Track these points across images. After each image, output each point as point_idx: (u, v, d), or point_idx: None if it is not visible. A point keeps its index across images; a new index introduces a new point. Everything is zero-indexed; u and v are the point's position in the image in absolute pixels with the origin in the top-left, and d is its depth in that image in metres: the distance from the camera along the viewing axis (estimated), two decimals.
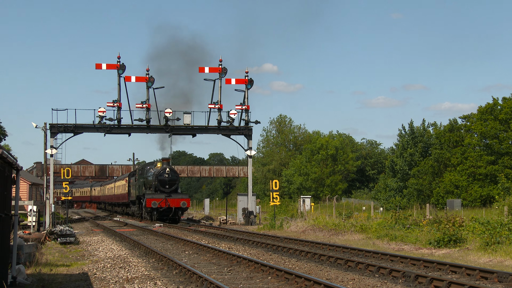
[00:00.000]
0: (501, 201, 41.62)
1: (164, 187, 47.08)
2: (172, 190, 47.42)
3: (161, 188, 47.06)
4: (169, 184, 47.29)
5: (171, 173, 47.82)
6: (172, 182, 47.52)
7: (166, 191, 47.06)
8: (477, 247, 22.45)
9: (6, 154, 12.79)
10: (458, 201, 54.66)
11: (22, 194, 50.61)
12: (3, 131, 63.70)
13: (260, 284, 15.25)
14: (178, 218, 48.01)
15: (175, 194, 47.61)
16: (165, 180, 47.20)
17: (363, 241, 27.54)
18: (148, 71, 42.34)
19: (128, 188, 58.98)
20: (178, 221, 47.90)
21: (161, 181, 47.09)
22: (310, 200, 60.02)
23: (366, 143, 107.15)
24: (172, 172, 47.98)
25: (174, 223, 46.71)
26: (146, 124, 42.65)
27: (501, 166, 58.10)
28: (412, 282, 15.17)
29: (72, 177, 65.60)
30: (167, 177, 47.33)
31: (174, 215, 47.23)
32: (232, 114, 43.76)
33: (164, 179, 47.20)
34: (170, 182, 47.37)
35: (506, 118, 59.75)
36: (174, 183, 47.68)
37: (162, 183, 47.11)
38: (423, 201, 62.71)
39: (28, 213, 33.54)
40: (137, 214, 54.37)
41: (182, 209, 47.87)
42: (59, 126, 41.57)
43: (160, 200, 46.37)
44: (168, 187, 47.15)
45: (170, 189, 47.31)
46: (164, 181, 47.19)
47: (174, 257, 20.81)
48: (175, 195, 47.41)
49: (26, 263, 18.51)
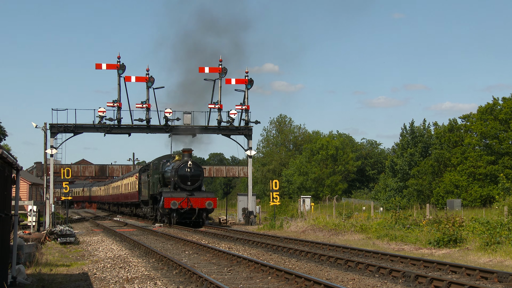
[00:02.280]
0: (501, 201, 41.63)
1: (186, 184, 40.48)
2: (195, 187, 40.74)
3: (181, 185, 40.45)
4: (192, 180, 40.62)
5: (194, 167, 40.99)
6: (195, 178, 40.77)
7: (188, 188, 40.51)
8: (477, 247, 22.45)
9: (6, 154, 12.79)
10: (458, 201, 54.67)
11: (22, 194, 50.61)
12: (3, 131, 63.72)
13: (260, 284, 15.25)
14: (202, 221, 41.10)
15: (199, 192, 40.89)
16: (186, 175, 40.63)
17: (363, 241, 27.53)
18: (148, 71, 42.37)
19: (138, 186, 51.77)
20: (202, 224, 40.94)
21: (181, 177, 40.54)
22: (310, 200, 60.02)
23: (366, 143, 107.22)
24: (195, 166, 41.12)
25: (197, 226, 40.08)
26: (146, 124, 42.66)
27: (501, 166, 58.10)
28: (412, 282, 15.17)
29: (72, 177, 65.23)
30: (189, 172, 40.66)
31: (197, 218, 40.35)
32: (232, 114, 43.77)
33: (186, 174, 40.63)
34: (192, 178, 40.69)
35: (506, 118, 59.75)
36: (197, 179, 40.84)
37: (183, 179, 40.56)
38: (423, 201, 62.71)
39: (28, 213, 33.55)
40: (150, 216, 47.31)
41: (207, 211, 40.99)
42: (59, 126, 41.58)
43: (181, 200, 39.58)
44: (190, 184, 40.51)
45: (192, 186, 40.65)
46: (185, 177, 40.61)
47: (174, 257, 20.81)
48: (199, 194, 40.69)
49: (26, 263, 18.51)
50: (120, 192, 64.61)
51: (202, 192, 41.10)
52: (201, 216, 40.59)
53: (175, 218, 40.12)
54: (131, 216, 59.10)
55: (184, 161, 41.03)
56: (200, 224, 40.80)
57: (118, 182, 65.87)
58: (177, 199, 39.59)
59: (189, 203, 39.80)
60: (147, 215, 48.77)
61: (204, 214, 40.83)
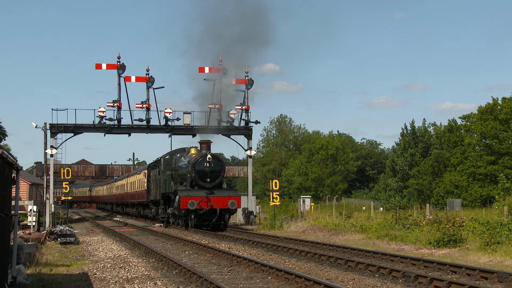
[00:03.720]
0: (501, 201, 41.64)
1: (204, 181, 35.71)
2: (215, 184, 35.96)
3: (200, 182, 35.68)
4: (212, 176, 35.86)
5: (214, 161, 36.10)
6: (215, 174, 36.02)
7: (207, 186, 35.66)
8: (477, 247, 22.46)
9: (6, 154, 12.79)
10: (458, 201, 54.70)
11: (22, 194, 50.61)
12: (3, 131, 63.76)
13: (260, 284, 15.25)
14: (225, 224, 36.17)
15: (220, 190, 36.07)
16: (205, 171, 35.75)
17: (363, 241, 27.54)
18: (148, 71, 42.38)
19: (147, 185, 47.47)
20: (224, 227, 36.12)
21: (200, 173, 35.72)
22: (310, 200, 60.06)
23: (366, 143, 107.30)
24: (215, 160, 36.24)
25: (219, 230, 35.48)
26: (146, 124, 42.67)
27: (501, 166, 58.11)
28: (412, 282, 15.17)
29: (72, 177, 64.93)
30: (209, 167, 35.82)
31: (218, 220, 35.67)
32: (232, 114, 43.76)
33: (205, 169, 35.77)
34: (212, 174, 35.91)
35: (506, 118, 59.77)
36: (218, 175, 36.08)
37: (202, 175, 35.73)
38: (423, 201, 62.74)
39: (28, 213, 33.55)
40: (162, 218, 42.65)
41: (230, 212, 36.15)
42: (59, 126, 41.59)
43: (199, 199, 34.86)
44: (209, 181, 35.75)
45: (212, 183, 35.83)
46: (204, 173, 35.74)
47: (174, 257, 20.81)
48: (220, 192, 35.83)
49: (26, 263, 18.52)
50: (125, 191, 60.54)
51: (223, 190, 36.18)
52: (223, 217, 35.81)
53: (193, 220, 35.38)
54: (138, 217, 55.55)
55: (202, 154, 36.16)
56: (222, 228, 36.06)
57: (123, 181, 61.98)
58: (195, 199, 34.82)
59: (209, 203, 35.06)
60: (158, 216, 44.13)
61: (227, 215, 36.00)
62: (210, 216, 35.57)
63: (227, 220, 36.37)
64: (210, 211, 35.32)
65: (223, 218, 35.89)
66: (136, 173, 54.27)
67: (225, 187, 37.03)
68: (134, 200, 54.44)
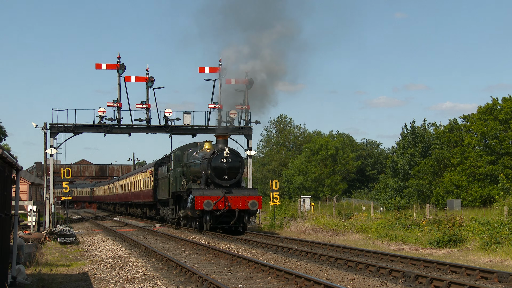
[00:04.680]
0: (501, 201, 41.64)
1: (222, 179, 32.41)
2: (233, 183, 32.65)
3: (216, 180, 32.36)
4: (229, 174, 32.58)
5: (232, 157, 32.77)
6: (233, 171, 32.73)
7: (224, 184, 32.36)
8: (477, 247, 22.47)
9: (6, 154, 12.79)
10: (458, 201, 54.72)
11: (22, 194, 50.61)
12: (3, 131, 63.77)
13: (260, 284, 15.25)
14: (244, 227, 32.99)
15: (238, 189, 32.67)
16: (222, 167, 32.43)
17: (363, 241, 27.54)
18: (148, 71, 42.38)
19: (154, 183, 44.81)
20: (243, 230, 32.92)
21: (216, 170, 32.38)
22: (310, 200, 60.03)
23: (366, 143, 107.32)
24: (233, 155, 32.89)
25: (237, 234, 32.17)
26: (146, 124, 42.65)
27: (501, 166, 58.13)
28: (412, 282, 15.17)
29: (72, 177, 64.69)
30: (227, 163, 32.53)
31: (237, 222, 32.45)
32: (232, 114, 43.75)
33: (222, 165, 32.43)
34: (230, 171, 32.62)
35: (506, 118, 59.80)
36: (236, 172, 32.77)
37: (219, 172, 32.41)
38: (423, 201, 62.76)
39: (28, 213, 33.55)
40: (171, 219, 39.52)
41: (250, 213, 32.78)
42: (59, 126, 41.57)
43: (216, 199, 31.49)
44: (227, 179, 32.48)
45: (230, 181, 32.56)
46: (221, 169, 32.42)
47: (174, 257, 20.81)
48: (239, 191, 32.44)
49: (26, 263, 18.52)
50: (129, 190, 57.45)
51: (242, 189, 32.85)
52: (242, 219, 32.60)
53: (209, 222, 31.91)
54: (143, 218, 52.96)
55: (218, 149, 32.72)
56: (241, 231, 32.94)
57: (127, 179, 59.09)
58: (212, 198, 31.40)
59: (226, 203, 31.62)
60: (167, 218, 41.07)
61: (246, 217, 32.66)
62: (227, 218, 32.21)
63: (247, 222, 33.03)
64: (228, 212, 31.92)
65: (242, 220, 32.60)
66: (141, 171, 51.63)
67: (244, 186, 33.61)
68: (139, 200, 51.93)
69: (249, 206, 31.88)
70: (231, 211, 31.96)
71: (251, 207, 31.92)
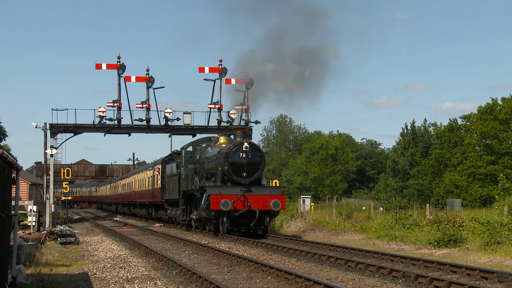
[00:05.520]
0: (501, 201, 41.65)
1: (240, 176, 29.51)
2: (253, 180, 29.74)
3: (234, 177, 29.48)
4: (249, 170, 29.67)
5: (252, 151, 29.84)
6: (253, 167, 29.82)
7: (243, 182, 29.45)
8: (477, 247, 22.47)
9: (6, 154, 12.79)
10: (458, 201, 54.70)
11: (22, 194, 50.61)
12: (3, 131, 63.76)
13: (260, 284, 15.25)
14: (265, 229, 29.80)
15: (258, 187, 29.70)
16: (241, 163, 29.54)
17: (363, 241, 27.54)
18: (148, 71, 42.38)
19: (161, 182, 42.45)
20: (264, 234, 29.80)
21: (234, 165, 29.51)
22: (310, 200, 60.00)
23: (366, 143, 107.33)
24: (253, 150, 29.97)
25: (258, 237, 29.23)
26: (146, 124, 42.64)
27: (501, 166, 58.11)
28: (412, 282, 15.17)
29: (72, 177, 64.56)
30: (246, 158, 29.56)
31: (258, 224, 29.45)
32: (232, 114, 43.74)
33: (240, 161, 29.54)
34: (250, 167, 29.71)
35: (506, 118, 59.78)
36: (256, 169, 29.87)
37: (237, 168, 29.53)
38: (423, 201, 62.74)
39: (28, 213, 33.56)
40: (182, 221, 36.55)
41: (271, 214, 29.67)
42: (59, 126, 41.57)
43: (234, 198, 28.64)
44: (246, 176, 29.56)
45: (249, 178, 29.62)
46: (239, 165, 29.52)
47: (174, 257, 20.81)
48: (259, 189, 29.50)
49: (26, 263, 18.52)
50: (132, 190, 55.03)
51: (263, 188, 29.82)
52: (262, 221, 29.55)
53: (226, 224, 29.05)
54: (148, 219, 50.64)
55: (237, 143, 29.88)
56: (261, 234, 30.07)
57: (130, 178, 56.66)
58: (229, 197, 28.52)
59: (246, 203, 28.72)
60: (177, 219, 38.17)
61: (267, 218, 29.57)
62: (246, 220, 29.31)
63: (268, 224, 29.77)
64: (247, 213, 29.01)
65: (262, 222, 29.55)
66: (146, 169, 49.14)
67: (264, 183, 30.45)
68: (144, 200, 49.33)
69: (271, 206, 28.88)
70: (251, 211, 29.00)
71: (273, 207, 28.90)
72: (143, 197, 49.88)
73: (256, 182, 30.08)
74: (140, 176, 51.77)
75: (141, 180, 50.83)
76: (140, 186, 51.29)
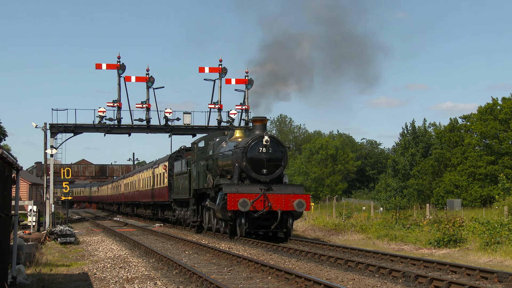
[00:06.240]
0: (501, 201, 41.66)
1: (260, 173, 26.73)
2: (273, 178, 27.00)
3: (252, 174, 26.71)
4: (269, 166, 26.86)
5: (273, 145, 26.95)
6: (274, 163, 26.99)
7: (263, 180, 26.66)
8: (477, 247, 22.48)
9: (6, 154, 12.79)
10: (458, 201, 54.72)
11: (22, 194, 50.62)
12: (3, 131, 63.75)
13: (260, 284, 15.25)
14: (288, 233, 27.00)
15: (280, 186, 27.02)
16: (261, 158, 26.71)
17: (363, 241, 27.54)
18: (148, 71, 42.40)
19: (168, 180, 39.97)
20: (287, 237, 26.87)
21: (253, 161, 26.73)
22: (310, 200, 59.94)
23: (366, 143, 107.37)
24: (273, 144, 27.06)
25: (278, 240, 26.42)
26: (146, 124, 42.65)
27: (501, 166, 58.14)
28: (412, 282, 15.17)
29: (72, 177, 64.43)
30: (266, 153, 26.69)
31: (279, 226, 26.63)
32: (232, 114, 43.75)
33: (260, 156, 26.71)
34: (271, 163, 26.89)
35: (506, 118, 59.81)
36: (278, 165, 27.05)
37: (256, 164, 26.75)
38: (423, 201, 62.76)
39: (28, 213, 33.56)
40: (193, 222, 33.89)
41: (294, 215, 27.04)
42: (59, 126, 41.57)
43: (254, 197, 25.86)
44: (266, 172, 26.77)
45: (270, 176, 26.85)
46: (259, 161, 26.73)
47: (174, 257, 20.81)
48: (281, 188, 26.80)
49: (26, 263, 18.52)
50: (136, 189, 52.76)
51: (285, 186, 27.16)
52: (285, 223, 26.74)
53: (244, 226, 26.30)
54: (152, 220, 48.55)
55: (256, 136, 27.01)
56: (282, 237, 27.19)
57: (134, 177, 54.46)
58: (248, 196, 25.76)
59: (266, 203, 25.95)
60: (187, 220, 35.63)
61: (290, 220, 26.86)
62: (266, 222, 26.56)
63: (291, 227, 27.07)
64: (268, 214, 26.24)
65: (285, 224, 26.75)
66: (151, 166, 47.14)
67: (286, 181, 27.93)
68: (149, 200, 47.18)
69: (294, 206, 26.06)
70: (272, 212, 26.23)
71: (297, 208, 26.11)
72: (148, 197, 47.78)
73: (277, 179, 27.38)
74: (144, 175, 49.62)
75: (146, 178, 48.71)
76: (145, 185, 49.20)
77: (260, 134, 27.16)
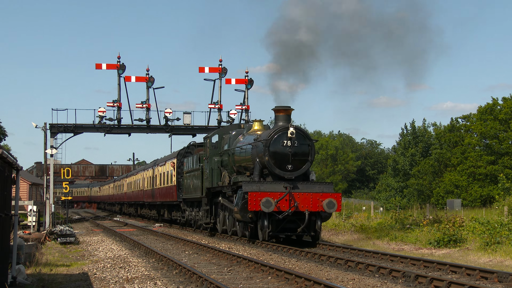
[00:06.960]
0: (501, 201, 41.68)
1: (284, 169, 23.79)
2: (299, 175, 24.05)
3: (276, 170, 23.78)
4: (295, 162, 23.87)
5: (299, 138, 23.88)
6: (300, 158, 24.02)
7: (287, 177, 23.76)
8: (477, 247, 22.47)
9: (6, 154, 12.79)
10: (458, 201, 54.71)
11: (22, 194, 50.62)
12: (3, 131, 63.73)
13: (260, 284, 15.25)
14: (316, 236, 24.24)
15: (307, 183, 24.10)
16: (285, 153, 23.74)
17: (363, 241, 27.53)
18: (148, 71, 42.41)
19: (177, 178, 36.98)
20: (315, 241, 24.20)
21: (276, 156, 23.73)
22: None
23: (366, 143, 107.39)
24: (299, 136, 23.96)
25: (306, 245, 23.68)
26: (146, 124, 42.65)
27: (501, 166, 58.13)
28: (412, 282, 15.17)
29: (72, 177, 64.29)
30: (291, 147, 23.71)
31: (307, 229, 23.85)
32: (232, 114, 43.76)
33: (284, 150, 23.75)
34: (296, 158, 23.91)
35: (506, 118, 59.80)
36: (304, 160, 24.07)
37: (280, 159, 23.78)
38: (423, 201, 62.77)
39: (28, 213, 33.56)
40: (205, 224, 30.59)
41: (323, 216, 24.09)
42: (59, 126, 41.57)
43: (278, 196, 23.00)
44: (291, 169, 23.81)
45: (295, 172, 23.91)
46: (283, 156, 23.77)
47: (174, 257, 20.81)
48: (307, 186, 23.89)
49: (26, 263, 18.52)
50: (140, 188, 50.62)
51: (312, 184, 24.17)
52: (313, 225, 24.02)
53: (267, 229, 23.54)
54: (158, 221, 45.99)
55: (279, 128, 23.95)
56: (310, 241, 24.60)
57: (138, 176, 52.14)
58: (272, 195, 22.92)
59: (292, 203, 23.14)
60: (198, 222, 32.49)
61: (319, 222, 24.00)
62: (291, 224, 23.83)
63: (319, 229, 24.22)
64: (294, 215, 23.47)
65: (313, 227, 24.03)
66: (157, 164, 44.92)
67: (313, 179, 24.91)
68: (156, 199, 44.49)
69: (324, 207, 23.22)
70: (298, 213, 23.44)
71: (327, 208, 23.23)
72: (154, 197, 45.30)
73: (303, 176, 24.35)
74: (149, 173, 47.03)
75: (151, 177, 46.08)
76: (150, 184, 46.54)
77: (284, 125, 23.99)
